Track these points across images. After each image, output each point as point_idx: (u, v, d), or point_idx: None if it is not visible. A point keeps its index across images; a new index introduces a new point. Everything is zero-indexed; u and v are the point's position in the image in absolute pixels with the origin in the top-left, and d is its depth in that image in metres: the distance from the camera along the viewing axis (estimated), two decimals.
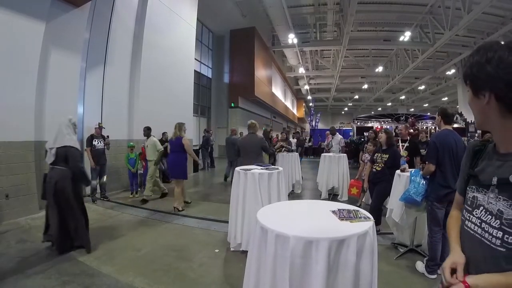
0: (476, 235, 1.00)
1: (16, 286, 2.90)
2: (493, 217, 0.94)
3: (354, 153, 13.63)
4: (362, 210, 2.04)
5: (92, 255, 3.68)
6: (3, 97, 4.96)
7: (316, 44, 19.38)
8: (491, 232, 0.94)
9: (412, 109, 38.48)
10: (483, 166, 1.06)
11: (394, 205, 3.87)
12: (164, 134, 8.96)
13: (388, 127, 23.87)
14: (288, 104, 31.42)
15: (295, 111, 36.74)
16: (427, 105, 36.24)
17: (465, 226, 1.07)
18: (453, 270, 0.99)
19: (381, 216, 4.55)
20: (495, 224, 0.93)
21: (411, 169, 4.02)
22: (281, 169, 4.14)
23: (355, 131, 26.66)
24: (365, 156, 6.31)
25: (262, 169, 4.07)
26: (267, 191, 3.79)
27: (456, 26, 12.27)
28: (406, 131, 5.04)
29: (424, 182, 3.32)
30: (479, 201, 1.02)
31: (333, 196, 7.15)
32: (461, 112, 21.59)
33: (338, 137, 8.82)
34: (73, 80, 6.52)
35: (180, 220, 5.28)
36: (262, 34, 18.36)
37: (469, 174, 1.12)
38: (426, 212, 3.34)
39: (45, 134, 5.81)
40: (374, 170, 4.64)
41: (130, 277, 3.14)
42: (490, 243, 0.93)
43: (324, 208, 2.14)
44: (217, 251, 3.92)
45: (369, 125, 26.83)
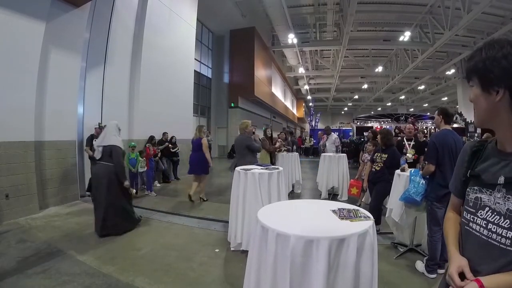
0: (482, 236, 0.97)
1: (16, 286, 2.90)
2: (502, 217, 0.92)
3: (354, 153, 13.63)
4: (362, 210, 2.05)
5: (92, 255, 3.68)
6: (3, 97, 4.96)
7: (316, 44, 19.40)
8: (500, 233, 0.91)
9: (412, 109, 38.48)
10: (485, 166, 1.04)
11: (394, 204, 3.87)
12: (164, 134, 8.97)
13: (388, 127, 23.88)
14: (288, 104, 31.43)
15: (295, 111, 36.74)
16: (426, 105, 36.25)
17: (467, 227, 1.05)
18: (460, 275, 0.97)
19: (381, 216, 4.55)
20: (504, 224, 0.91)
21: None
22: (281, 169, 4.14)
23: (354, 131, 26.65)
24: (365, 156, 6.31)
25: (262, 169, 4.07)
26: (267, 191, 3.79)
27: (456, 26, 12.29)
28: (412, 130, 5.05)
29: (424, 181, 3.32)
30: (483, 202, 0.99)
31: (333, 196, 7.16)
32: (461, 112, 21.60)
33: (333, 136, 8.80)
34: (73, 80, 6.52)
35: (181, 220, 5.28)
36: (262, 34, 18.37)
37: (469, 175, 1.09)
38: (426, 212, 3.34)
39: (45, 134, 5.83)
40: (374, 169, 4.65)
41: (130, 277, 3.14)
42: (499, 244, 0.91)
43: (324, 207, 2.15)
44: (217, 251, 3.92)
45: (369, 125, 26.81)
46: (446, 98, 31.01)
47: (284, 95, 28.53)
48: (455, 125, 17.23)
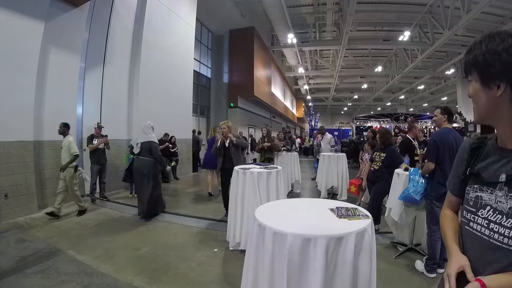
0: (484, 236, 0.94)
1: (15, 286, 2.90)
2: (504, 216, 0.88)
3: (353, 153, 13.62)
4: (360, 208, 2.03)
5: (91, 254, 3.68)
6: (2, 97, 4.96)
7: (316, 44, 19.37)
8: (502, 232, 0.88)
9: (412, 109, 38.51)
10: (485, 164, 1.01)
11: (393, 204, 3.87)
12: (166, 135, 8.96)
13: (388, 126, 23.86)
14: (288, 104, 31.39)
15: (294, 111, 36.69)
16: (426, 104, 36.21)
17: (468, 227, 1.01)
18: (459, 274, 0.94)
19: (380, 215, 4.55)
20: (507, 224, 0.87)
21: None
22: (280, 168, 4.14)
23: (354, 131, 26.66)
24: (365, 156, 6.31)
25: (261, 168, 4.07)
26: (266, 190, 3.79)
27: (455, 25, 12.26)
28: (420, 131, 5.06)
29: (423, 180, 3.32)
30: (484, 200, 0.96)
31: (332, 195, 7.16)
32: (460, 112, 21.59)
33: (328, 136, 8.81)
34: (72, 80, 6.52)
35: (180, 220, 5.28)
36: (262, 34, 18.35)
37: (469, 173, 1.05)
38: (426, 211, 3.34)
39: (44, 134, 5.82)
40: (372, 169, 4.66)
41: (129, 276, 3.14)
42: (501, 244, 0.88)
43: (322, 206, 2.14)
44: (216, 250, 3.92)
45: (369, 124, 26.84)
46: (445, 98, 31.00)
47: (283, 95, 28.50)
48: (454, 124, 17.20)
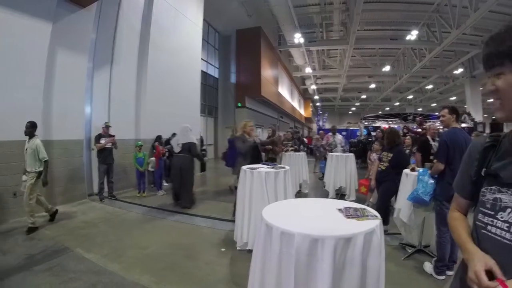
0: (505, 240, 0.88)
1: (23, 283, 2.92)
2: None
3: (361, 153, 13.49)
4: (369, 209, 1.99)
5: (99, 253, 3.70)
6: (10, 96, 5.02)
7: (323, 44, 19.30)
8: None
9: (420, 109, 38.08)
10: (503, 164, 0.94)
11: (402, 205, 3.81)
12: (174, 135, 8.96)
13: (397, 126, 23.62)
14: (295, 104, 31.32)
15: (302, 111, 36.61)
16: (435, 104, 35.77)
17: (485, 231, 0.95)
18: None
19: (388, 216, 4.49)
20: None
21: None
22: (287, 168, 4.10)
23: (362, 131, 26.45)
24: (373, 156, 6.25)
25: (268, 168, 4.04)
26: (274, 190, 3.76)
27: (463, 24, 12.15)
28: (433, 130, 5.00)
29: (433, 181, 3.27)
30: (504, 202, 0.90)
31: (340, 196, 7.08)
32: (469, 112, 21.27)
33: (338, 136, 8.75)
34: (80, 80, 6.55)
35: (187, 219, 5.28)
36: (268, 34, 18.33)
37: (485, 173, 0.99)
38: (435, 212, 3.29)
39: (52, 133, 5.87)
40: (380, 169, 4.61)
41: (136, 275, 3.14)
42: None
43: (330, 206, 2.10)
44: (223, 250, 3.90)
45: (377, 124, 26.58)
46: (454, 98, 30.60)
47: (291, 95, 28.43)
48: (463, 125, 16.91)
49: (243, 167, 4.05)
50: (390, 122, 28.76)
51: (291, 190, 4.09)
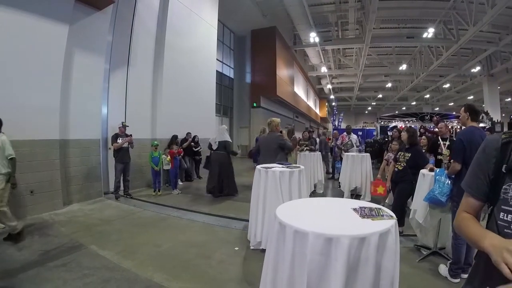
0: None
1: (37, 278, 2.96)
2: None
3: (377, 153, 13.24)
4: (384, 208, 1.91)
5: (113, 250, 3.72)
6: (29, 97, 5.13)
7: (338, 43, 19.08)
8: None
9: (437, 108, 37.01)
10: None
11: (418, 205, 3.69)
12: (188, 134, 9.03)
13: (414, 126, 23.08)
14: (311, 103, 31.11)
15: (317, 110, 36.34)
16: (452, 104, 34.80)
17: (509, 230, 0.90)
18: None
19: (404, 217, 4.36)
20: None
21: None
22: (302, 167, 4.04)
23: (378, 131, 25.96)
24: (389, 155, 6.10)
25: (283, 167, 3.99)
26: (288, 189, 3.71)
27: (480, 21, 11.80)
28: (447, 129, 4.84)
29: (449, 181, 3.17)
30: None
31: (355, 196, 6.95)
32: (487, 111, 20.56)
33: (354, 136, 8.64)
34: (97, 81, 6.67)
35: (202, 218, 5.27)
36: (283, 34, 18.26)
37: (506, 170, 0.94)
38: (451, 213, 3.18)
39: (70, 133, 5.99)
40: (396, 169, 4.48)
41: (149, 272, 3.14)
42: None
43: (345, 205, 2.03)
44: (236, 249, 3.87)
45: (393, 124, 26.05)
46: (472, 97, 29.59)
47: (306, 94, 28.25)
48: (481, 124, 16.34)
49: (258, 166, 4.01)
50: (407, 122, 28.09)
51: (305, 190, 4.03)
